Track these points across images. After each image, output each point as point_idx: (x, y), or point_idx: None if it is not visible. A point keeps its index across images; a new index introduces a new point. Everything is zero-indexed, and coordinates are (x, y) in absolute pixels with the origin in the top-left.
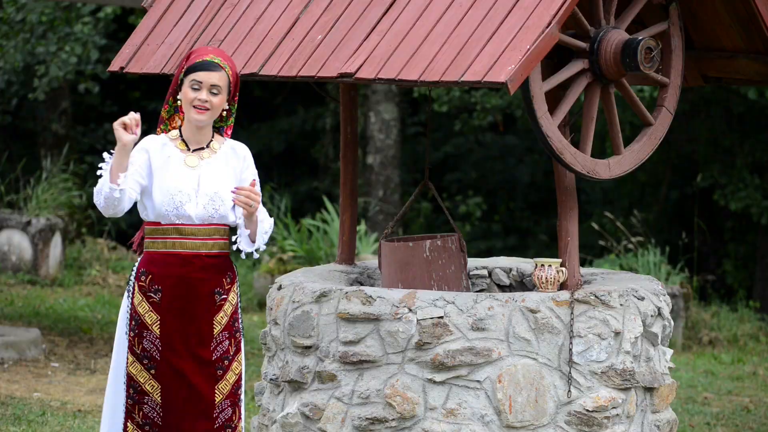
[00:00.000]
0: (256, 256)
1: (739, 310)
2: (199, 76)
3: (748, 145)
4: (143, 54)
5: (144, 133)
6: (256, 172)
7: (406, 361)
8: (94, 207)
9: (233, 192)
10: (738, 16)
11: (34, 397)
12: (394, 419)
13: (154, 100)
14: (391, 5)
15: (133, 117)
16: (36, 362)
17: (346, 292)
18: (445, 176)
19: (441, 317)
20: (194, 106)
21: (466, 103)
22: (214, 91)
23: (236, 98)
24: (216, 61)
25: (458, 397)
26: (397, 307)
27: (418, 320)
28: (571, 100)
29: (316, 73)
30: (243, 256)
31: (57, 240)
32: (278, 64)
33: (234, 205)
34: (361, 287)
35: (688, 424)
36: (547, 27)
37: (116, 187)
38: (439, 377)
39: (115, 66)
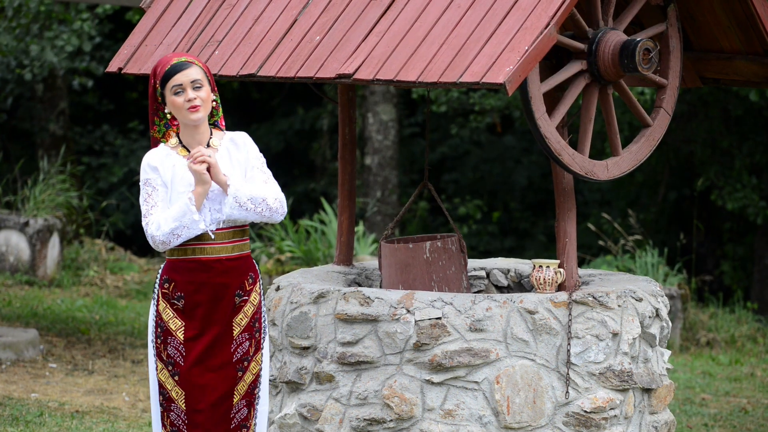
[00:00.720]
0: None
1: (737, 311)
2: (177, 79)
3: (746, 146)
4: (141, 55)
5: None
6: (260, 154)
7: (404, 362)
8: (92, 208)
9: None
10: (736, 18)
11: (32, 397)
12: (392, 420)
13: None
14: (389, 6)
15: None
16: (34, 363)
17: (344, 293)
18: (442, 177)
19: (439, 318)
20: (187, 108)
21: (464, 104)
22: (197, 85)
23: (215, 90)
24: (183, 60)
25: (456, 398)
26: (395, 308)
27: (416, 321)
28: (569, 101)
29: (315, 74)
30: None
31: (55, 241)
32: (276, 65)
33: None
34: (359, 288)
35: (686, 425)
36: (545, 28)
37: (202, 227)
38: (437, 378)
39: (113, 67)
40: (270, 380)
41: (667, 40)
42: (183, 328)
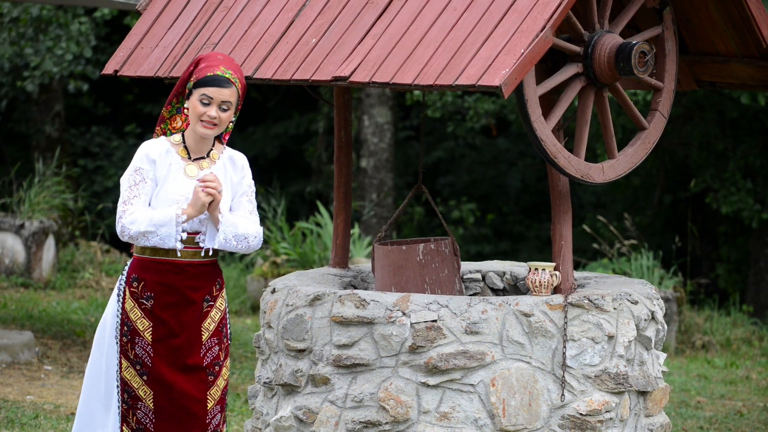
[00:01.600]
0: (214, 246)
1: (732, 314)
2: (210, 91)
3: (740, 149)
4: (137, 57)
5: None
6: (252, 182)
7: (399, 365)
8: (87, 210)
9: (199, 182)
10: (732, 21)
11: (27, 400)
12: (387, 423)
13: (147, 103)
14: (385, 9)
15: (211, 179)
16: (29, 365)
17: (340, 296)
18: (437, 180)
19: (435, 321)
20: (202, 120)
21: (459, 109)
22: (224, 107)
23: (239, 109)
24: (227, 76)
25: (452, 401)
26: (391, 310)
27: (411, 324)
28: (565, 104)
29: (311, 76)
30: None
31: (50, 243)
32: (272, 68)
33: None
34: (355, 291)
35: (682, 428)
36: (541, 31)
37: (175, 246)
38: (432, 381)
39: (109, 69)
40: (265, 383)
41: (662, 43)
42: (151, 328)
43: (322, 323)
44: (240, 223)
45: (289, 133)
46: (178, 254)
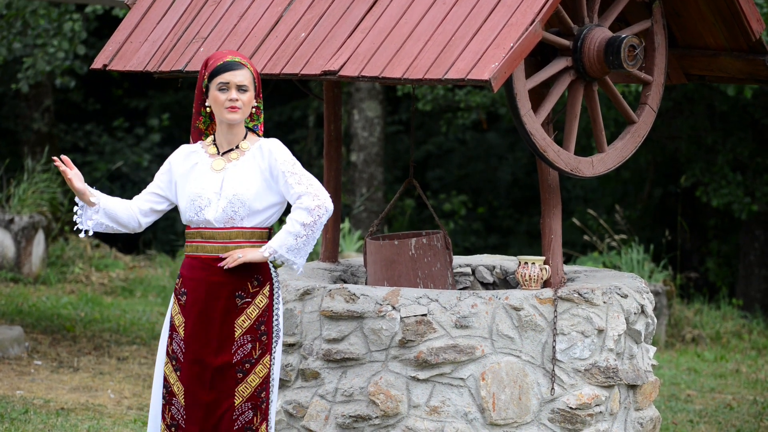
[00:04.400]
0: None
1: (722, 307)
2: (225, 77)
3: (730, 142)
4: (126, 52)
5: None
6: (288, 158)
7: (389, 359)
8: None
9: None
10: (721, 15)
11: (17, 395)
12: (377, 417)
13: (136, 97)
14: (374, 3)
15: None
16: (19, 360)
17: (330, 290)
18: (427, 174)
19: (424, 315)
20: (226, 108)
21: (449, 102)
22: (243, 88)
23: (261, 95)
24: (237, 60)
25: (442, 395)
26: (381, 304)
27: (401, 318)
28: (554, 98)
29: (300, 70)
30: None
31: (40, 238)
32: (262, 62)
33: (264, 208)
34: (345, 285)
35: (671, 422)
36: (530, 25)
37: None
38: (422, 375)
39: (98, 63)
40: None
41: (652, 37)
42: (184, 324)
43: (312, 317)
44: (289, 228)
45: (273, 119)
46: (207, 249)
